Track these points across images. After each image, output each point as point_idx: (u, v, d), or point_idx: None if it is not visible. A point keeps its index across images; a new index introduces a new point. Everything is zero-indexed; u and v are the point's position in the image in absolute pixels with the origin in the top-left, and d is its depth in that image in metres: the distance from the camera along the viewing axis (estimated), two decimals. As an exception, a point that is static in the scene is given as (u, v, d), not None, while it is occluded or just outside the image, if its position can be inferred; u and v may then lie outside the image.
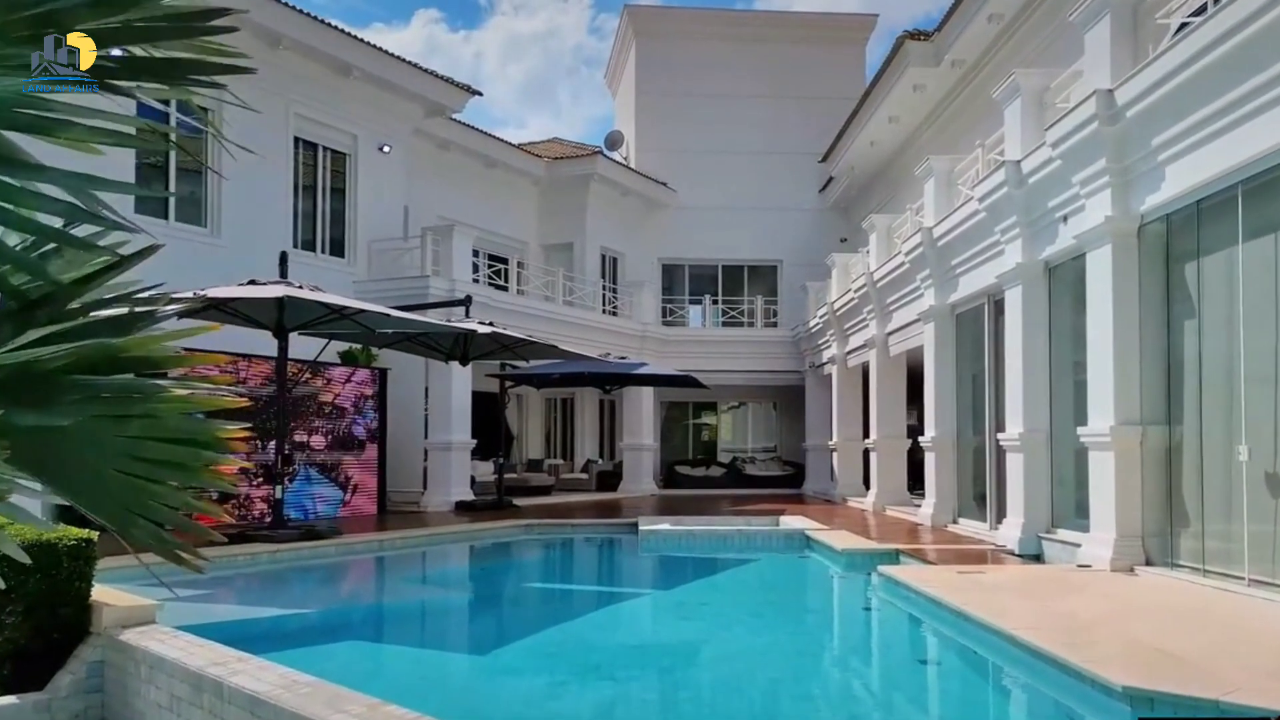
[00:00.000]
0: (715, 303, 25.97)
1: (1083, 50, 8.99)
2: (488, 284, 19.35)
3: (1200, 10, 7.57)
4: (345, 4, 61.37)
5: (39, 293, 1.72)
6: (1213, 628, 6.04)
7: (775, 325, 24.79)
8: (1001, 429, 10.75)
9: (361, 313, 11.13)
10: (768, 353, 23.56)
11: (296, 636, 7.28)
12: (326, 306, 10.59)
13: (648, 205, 25.08)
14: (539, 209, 23.63)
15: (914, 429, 16.24)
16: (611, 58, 28.83)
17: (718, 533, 12.80)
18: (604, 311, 22.32)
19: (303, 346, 12.86)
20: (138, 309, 1.79)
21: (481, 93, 19.02)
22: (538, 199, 23.58)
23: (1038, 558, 9.63)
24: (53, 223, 1.59)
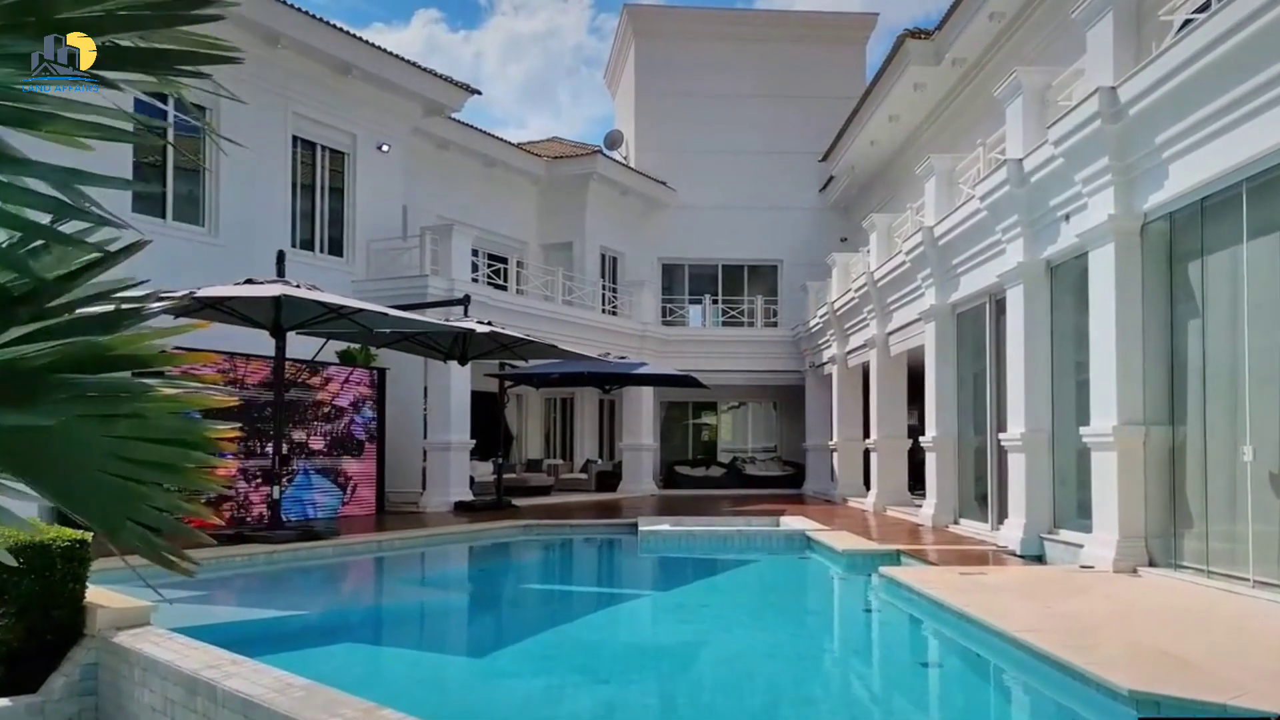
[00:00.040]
0: (715, 302, 25.93)
1: (1084, 48, 8.95)
2: (487, 283, 19.32)
3: (1203, 7, 7.52)
4: (345, 4, 61.42)
5: (23, 289, 1.68)
6: (1217, 629, 6.00)
7: (775, 325, 24.75)
8: (1003, 429, 10.70)
9: (359, 312, 11.09)
10: (768, 353, 23.52)
11: (293, 638, 7.22)
12: (324, 306, 10.55)
13: (647, 205, 25.03)
14: (538, 208, 23.59)
15: (915, 429, 16.19)
16: (611, 57, 28.79)
17: (718, 533, 12.75)
18: (604, 311, 22.28)
19: (301, 346, 12.81)
20: (125, 306, 1.75)
21: (480, 92, 19.00)
22: (537, 198, 23.54)
23: (1040, 559, 9.59)
24: (40, 218, 1.54)
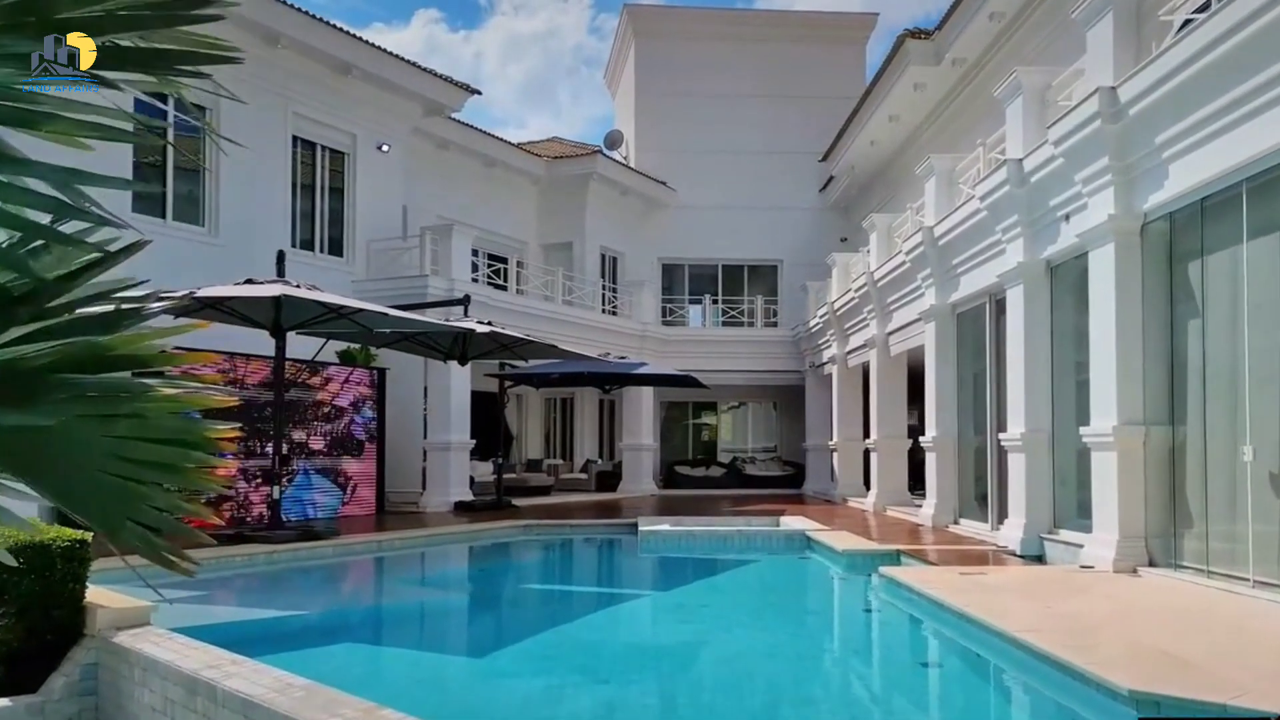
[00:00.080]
0: (715, 302, 25.93)
1: (1084, 48, 8.95)
2: (487, 283, 19.31)
3: (1203, 7, 7.52)
4: (345, 4, 61.42)
5: (23, 289, 1.68)
6: (1217, 629, 6.00)
7: (775, 325, 24.75)
8: (1003, 429, 10.70)
9: (359, 312, 11.09)
10: (768, 353, 23.52)
11: (293, 639, 7.22)
12: (324, 306, 10.55)
13: (647, 205, 25.03)
14: (538, 208, 23.58)
15: (915, 429, 16.19)
16: (611, 57, 28.78)
17: (718, 533, 12.75)
18: (604, 311, 22.27)
19: (301, 346, 12.81)
20: (125, 306, 1.75)
21: (480, 91, 19.00)
22: (537, 198, 23.53)
23: (1040, 559, 9.59)
24: (39, 218, 1.54)
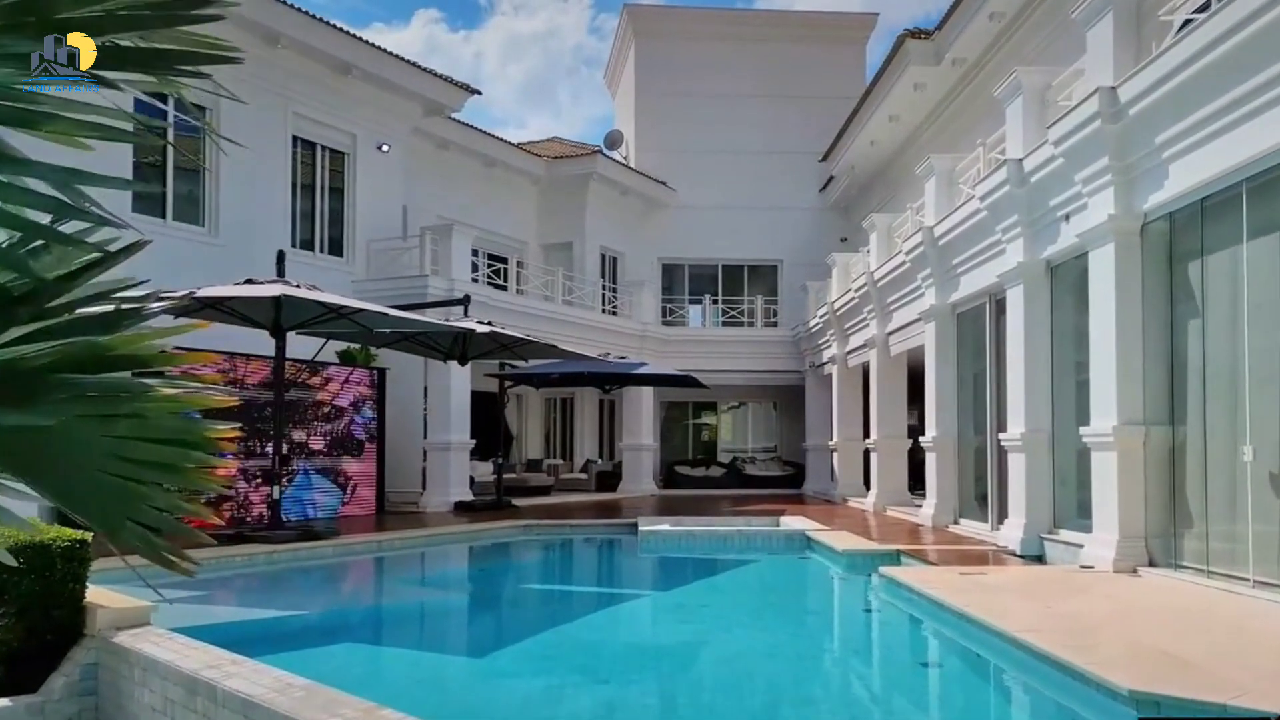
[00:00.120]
0: (715, 302, 25.92)
1: (1084, 48, 8.95)
2: (487, 283, 19.31)
3: (1204, 7, 7.52)
4: (346, 4, 61.41)
5: (23, 289, 1.68)
6: (1217, 630, 6.00)
7: (775, 325, 24.75)
8: (1003, 429, 10.70)
9: (359, 312, 11.09)
10: (768, 353, 23.51)
11: (293, 639, 7.22)
12: (324, 306, 10.55)
13: (647, 205, 25.03)
14: (538, 208, 23.58)
15: (915, 429, 16.19)
16: (611, 57, 28.78)
17: (718, 533, 12.75)
18: (604, 311, 22.27)
19: (301, 346, 12.81)
20: (125, 306, 1.75)
21: (480, 91, 19.00)
22: (537, 198, 23.53)
23: (1040, 559, 9.58)
24: (40, 218, 1.54)
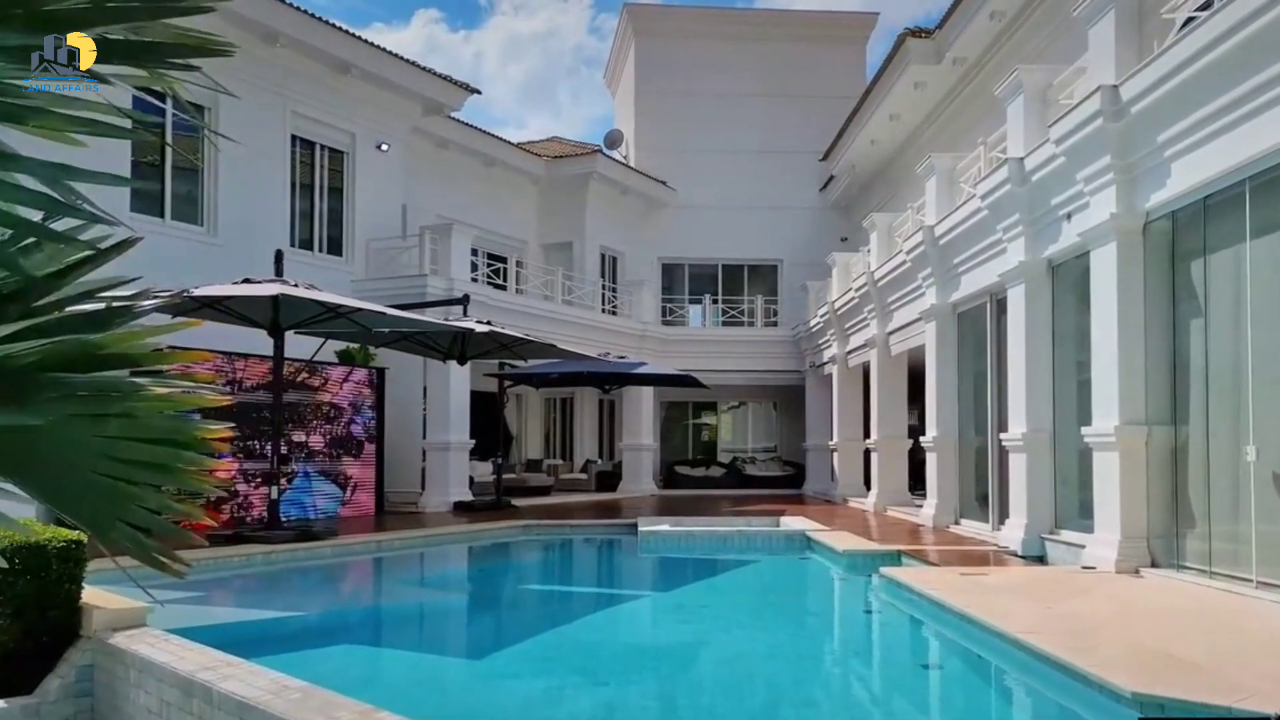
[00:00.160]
0: (715, 302, 25.89)
1: (1085, 46, 8.91)
2: (486, 283, 19.28)
3: (1205, 5, 7.47)
4: (346, 4, 61.40)
5: (13, 286, 1.65)
6: (1220, 631, 5.96)
7: (775, 325, 24.72)
8: (1004, 429, 10.67)
9: (358, 311, 11.06)
10: (768, 352, 23.48)
11: (290, 640, 7.19)
12: (322, 305, 10.52)
13: (647, 204, 24.99)
14: (538, 208, 23.55)
15: (915, 429, 16.15)
16: (611, 57, 28.75)
17: (718, 534, 12.71)
18: (603, 311, 22.23)
19: (300, 346, 12.77)
20: (115, 304, 1.72)
21: (480, 91, 18.95)
22: (537, 198, 23.50)
23: (1041, 559, 9.55)
24: (31, 215, 1.52)
